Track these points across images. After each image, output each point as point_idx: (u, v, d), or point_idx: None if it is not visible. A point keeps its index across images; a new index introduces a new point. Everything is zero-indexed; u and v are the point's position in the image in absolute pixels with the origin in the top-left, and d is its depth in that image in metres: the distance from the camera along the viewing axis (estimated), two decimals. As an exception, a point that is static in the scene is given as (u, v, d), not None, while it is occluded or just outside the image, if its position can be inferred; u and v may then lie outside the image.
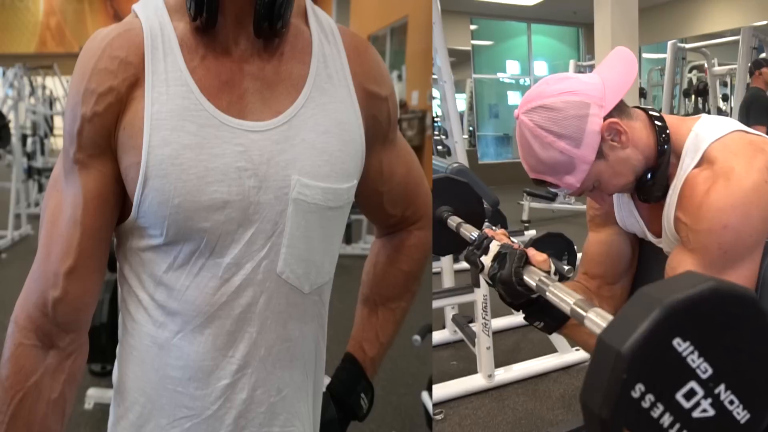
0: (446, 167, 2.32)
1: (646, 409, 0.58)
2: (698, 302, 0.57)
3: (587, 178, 1.05)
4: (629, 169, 1.06)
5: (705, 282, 0.57)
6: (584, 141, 1.01)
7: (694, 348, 0.57)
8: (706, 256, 0.98)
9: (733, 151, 0.99)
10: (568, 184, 1.05)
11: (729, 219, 0.95)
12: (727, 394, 0.60)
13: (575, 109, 1.01)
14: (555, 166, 1.04)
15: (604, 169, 1.05)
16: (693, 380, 0.59)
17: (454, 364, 3.12)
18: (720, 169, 0.98)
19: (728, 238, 0.95)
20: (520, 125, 1.05)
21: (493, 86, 12.23)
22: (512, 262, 0.96)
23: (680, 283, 0.58)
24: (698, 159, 1.02)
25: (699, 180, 1.00)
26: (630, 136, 1.05)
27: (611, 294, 1.25)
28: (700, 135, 1.04)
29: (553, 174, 1.05)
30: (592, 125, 1.01)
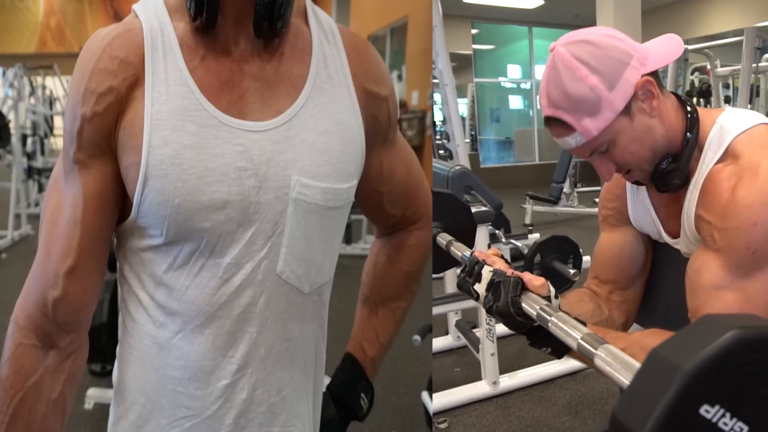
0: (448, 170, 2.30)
1: None
2: (723, 359, 0.50)
3: (607, 129, 0.97)
4: (649, 142, 0.99)
5: (727, 331, 0.50)
6: (618, 86, 0.95)
7: (725, 411, 0.51)
8: (732, 256, 0.92)
9: (761, 144, 0.94)
10: (585, 128, 0.97)
11: (758, 216, 0.89)
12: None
13: (618, 53, 0.96)
14: (579, 103, 0.96)
15: (626, 128, 0.97)
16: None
17: (458, 371, 3.08)
18: (746, 163, 0.93)
19: (757, 237, 0.89)
20: (554, 56, 0.98)
21: (494, 90, 12.23)
22: (507, 292, 0.88)
23: (698, 336, 0.52)
24: (722, 153, 0.97)
25: (723, 176, 0.94)
26: (660, 108, 0.99)
27: (623, 299, 1.21)
28: (725, 127, 0.99)
29: (574, 112, 0.96)
30: (630, 75, 0.96)
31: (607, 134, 0.97)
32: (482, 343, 2.76)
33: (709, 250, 0.96)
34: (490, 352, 2.73)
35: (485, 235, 2.43)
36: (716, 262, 0.94)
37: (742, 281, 0.91)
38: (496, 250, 1.03)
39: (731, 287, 0.92)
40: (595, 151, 1.00)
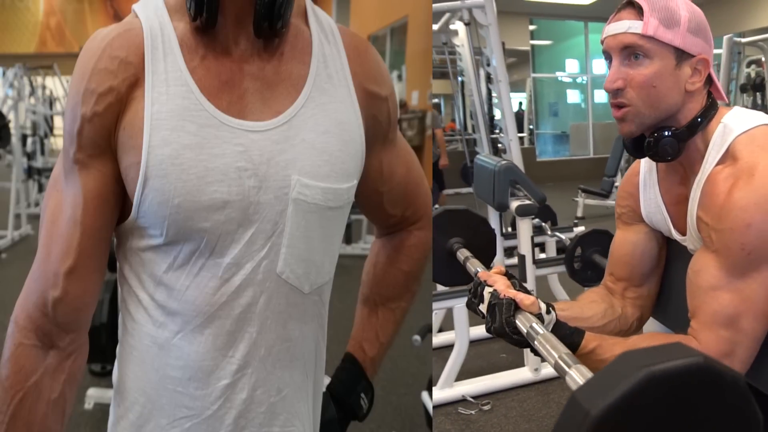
0: (495, 164, 2.33)
1: None
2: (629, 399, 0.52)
3: (657, 46, 0.97)
4: (664, 97, 1.00)
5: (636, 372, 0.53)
6: (694, 38, 0.98)
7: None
8: (728, 257, 0.93)
9: (761, 145, 0.95)
10: (649, 24, 0.97)
11: (752, 218, 0.90)
12: None
13: (708, 33, 1.01)
14: (664, 10, 0.97)
15: (664, 67, 0.98)
16: None
17: (504, 357, 3.16)
18: (744, 165, 0.94)
19: (751, 239, 0.90)
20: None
21: (552, 85, 12.39)
22: (501, 314, 0.95)
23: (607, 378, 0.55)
24: (723, 153, 0.98)
25: (721, 177, 0.96)
26: (695, 89, 1.01)
27: (637, 295, 1.22)
28: (728, 126, 1.00)
29: (654, 9, 0.98)
30: (703, 46, 1.00)
31: (654, 46, 0.98)
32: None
33: (707, 251, 0.97)
34: (533, 340, 2.81)
35: (528, 227, 2.49)
36: (713, 263, 0.95)
37: (738, 282, 0.93)
38: (500, 267, 1.07)
39: (727, 288, 0.93)
40: (632, 49, 0.99)
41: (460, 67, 4.73)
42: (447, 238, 1.41)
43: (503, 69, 3.69)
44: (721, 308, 0.94)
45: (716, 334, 0.94)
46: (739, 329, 0.93)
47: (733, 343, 0.94)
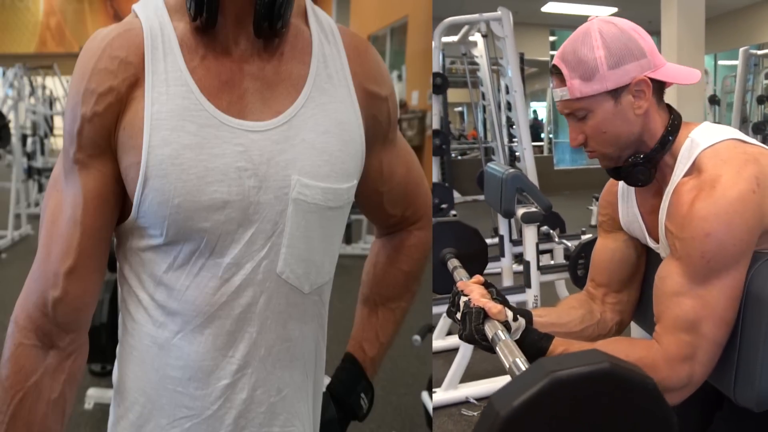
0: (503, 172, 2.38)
1: None
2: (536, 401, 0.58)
3: (589, 99, 1.04)
4: (621, 134, 1.06)
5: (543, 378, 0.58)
6: (618, 69, 1.03)
7: None
8: (690, 265, 0.97)
9: (724, 159, 0.99)
10: (573, 86, 1.04)
11: (711, 227, 0.94)
12: None
13: (635, 46, 1.04)
14: (579, 64, 1.04)
15: (608, 110, 1.05)
16: None
17: None
18: (707, 177, 0.98)
19: (711, 247, 0.95)
20: (588, 23, 1.08)
21: None
22: (471, 321, 1.03)
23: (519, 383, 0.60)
24: (689, 166, 1.03)
25: (686, 189, 1.00)
26: (646, 112, 1.06)
27: (617, 300, 1.26)
28: (695, 141, 1.04)
29: (571, 69, 1.05)
30: (633, 68, 1.03)
31: (587, 103, 1.05)
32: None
33: (672, 259, 1.02)
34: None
35: (533, 234, 2.54)
36: (677, 270, 0.99)
37: (700, 288, 0.97)
38: (478, 277, 1.14)
39: (689, 294, 0.98)
40: (573, 113, 1.08)
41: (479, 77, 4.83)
42: (440, 248, 1.49)
43: (518, 80, 3.83)
44: (683, 313, 0.98)
45: (678, 338, 0.98)
46: (700, 334, 0.97)
47: (694, 347, 0.97)
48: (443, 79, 4.38)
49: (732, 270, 0.96)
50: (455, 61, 6.35)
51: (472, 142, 9.45)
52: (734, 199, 0.94)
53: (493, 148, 4.89)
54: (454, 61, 6.49)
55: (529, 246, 2.52)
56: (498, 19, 3.81)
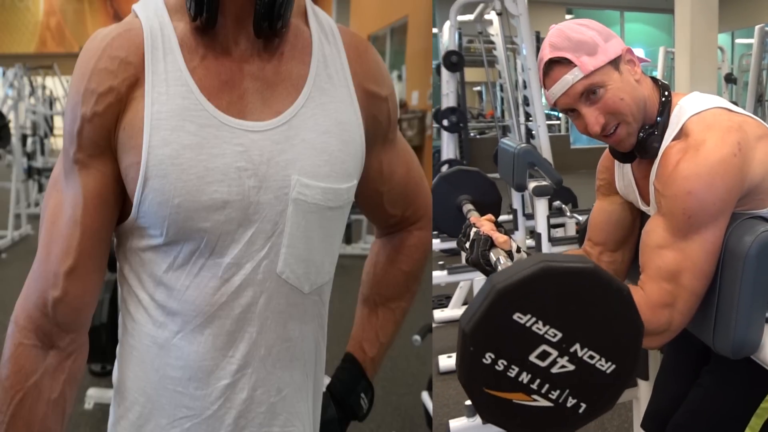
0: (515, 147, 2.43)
1: (501, 371, 0.71)
2: (528, 282, 0.68)
3: (601, 70, 1.08)
4: (636, 96, 1.11)
5: (536, 265, 0.68)
6: (609, 42, 1.10)
7: (536, 319, 0.69)
8: (672, 220, 1.05)
9: (709, 124, 1.06)
10: (584, 63, 1.07)
11: (693, 186, 1.02)
12: (584, 351, 0.71)
13: (605, 29, 1.12)
14: (579, 44, 1.08)
15: (616, 78, 1.09)
16: (543, 344, 0.70)
17: None
18: (693, 141, 1.05)
19: (692, 205, 1.02)
20: (557, 26, 1.13)
21: None
22: (479, 247, 1.14)
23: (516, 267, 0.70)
24: (678, 131, 1.10)
25: (673, 151, 1.08)
26: (640, 77, 1.13)
27: (612, 259, 1.34)
28: (684, 108, 1.11)
29: (574, 51, 1.08)
30: (616, 43, 1.11)
31: (599, 76, 1.08)
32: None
33: (658, 215, 1.10)
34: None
35: (544, 206, 2.63)
36: (661, 225, 1.08)
37: (681, 242, 1.05)
38: (490, 216, 1.25)
39: (672, 247, 1.06)
40: (587, 91, 1.09)
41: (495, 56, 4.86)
42: (457, 194, 1.59)
43: (533, 57, 3.86)
44: (664, 264, 1.06)
45: (659, 286, 1.06)
46: (679, 284, 1.05)
47: (674, 295, 1.05)
48: (459, 56, 4.45)
49: (711, 226, 1.04)
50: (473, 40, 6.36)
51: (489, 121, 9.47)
52: (716, 161, 1.01)
53: (510, 126, 4.94)
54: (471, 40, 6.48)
55: (540, 218, 2.61)
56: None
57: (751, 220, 1.06)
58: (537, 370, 0.71)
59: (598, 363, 0.71)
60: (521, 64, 4.38)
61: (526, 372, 0.71)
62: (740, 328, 1.05)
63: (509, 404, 0.73)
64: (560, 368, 0.71)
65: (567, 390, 0.73)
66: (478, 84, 10.07)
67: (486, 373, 0.70)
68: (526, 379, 0.71)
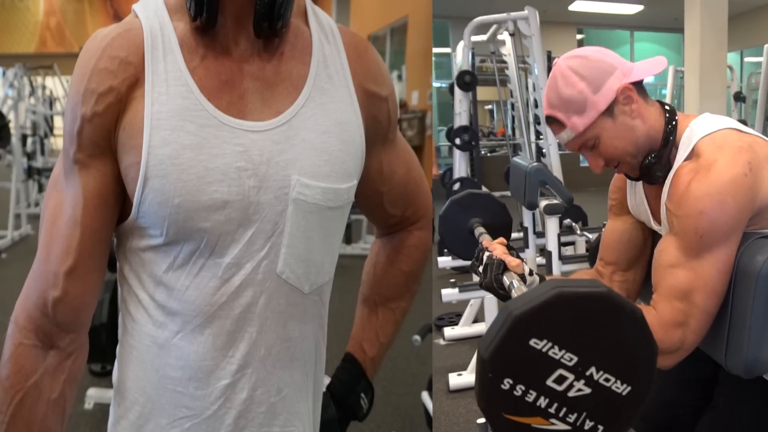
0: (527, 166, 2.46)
1: (519, 396, 0.72)
2: (543, 308, 0.69)
3: (592, 126, 1.14)
4: (631, 138, 1.16)
5: (550, 291, 0.69)
6: (601, 90, 1.13)
7: (552, 343, 0.70)
8: (685, 239, 1.06)
9: (720, 145, 1.08)
10: (574, 124, 1.14)
11: (705, 206, 1.03)
12: (600, 375, 0.72)
13: (604, 65, 1.14)
14: (569, 103, 1.14)
15: (609, 127, 1.15)
16: (560, 368, 0.71)
17: None
18: (704, 161, 1.07)
19: (704, 224, 1.03)
20: (554, 68, 1.18)
21: None
22: (492, 271, 1.14)
23: (531, 294, 0.71)
24: (689, 152, 1.12)
25: (685, 171, 1.10)
26: (640, 111, 1.15)
27: (624, 279, 1.34)
28: (694, 130, 1.13)
29: (565, 110, 1.15)
30: (612, 83, 1.13)
31: (592, 131, 1.15)
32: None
33: (670, 234, 1.11)
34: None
35: (555, 225, 2.67)
36: (673, 244, 1.09)
37: (693, 261, 1.06)
38: (502, 239, 1.25)
39: (684, 266, 1.07)
40: (583, 145, 1.18)
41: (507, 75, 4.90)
42: (469, 217, 1.61)
43: (545, 77, 3.91)
44: (677, 283, 1.07)
45: (671, 305, 1.07)
46: (692, 302, 1.06)
47: (686, 314, 1.06)
48: (472, 76, 4.47)
49: (723, 245, 1.05)
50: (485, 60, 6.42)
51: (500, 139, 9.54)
52: (727, 181, 1.03)
53: (520, 144, 4.98)
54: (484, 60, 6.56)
55: (551, 237, 2.63)
56: (525, 18, 3.90)
57: (762, 240, 1.07)
58: (554, 395, 0.72)
59: (614, 385, 0.72)
60: (533, 84, 4.42)
61: (544, 396, 0.72)
62: (753, 347, 1.05)
63: (528, 429, 0.74)
64: (577, 392, 0.72)
65: (584, 413, 0.74)
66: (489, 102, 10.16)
67: (505, 399, 0.71)
68: (543, 404, 0.72)
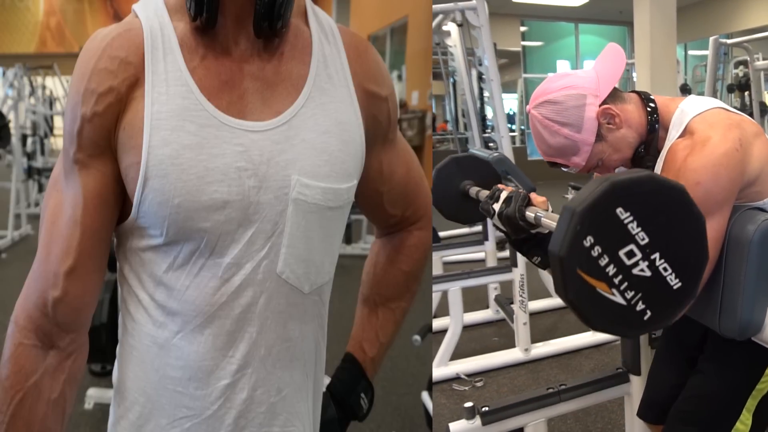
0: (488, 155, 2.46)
1: (595, 257, 0.79)
2: (637, 183, 0.78)
3: (591, 157, 1.24)
4: (627, 146, 1.25)
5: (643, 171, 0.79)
6: (584, 127, 1.21)
7: (633, 218, 0.78)
8: None
9: (711, 123, 1.16)
10: (575, 163, 1.25)
11: (701, 177, 1.10)
12: (661, 262, 0.80)
13: (574, 100, 1.22)
14: (562, 150, 1.24)
15: (605, 148, 1.24)
16: (632, 243, 0.79)
17: (496, 340, 3.38)
18: (698, 138, 1.15)
19: (699, 194, 1.06)
20: (532, 118, 1.26)
21: None
22: (516, 202, 1.17)
23: (628, 172, 0.80)
24: (682, 131, 1.20)
25: (680, 147, 1.18)
26: (623, 118, 1.23)
27: None
28: (685, 110, 1.21)
29: (562, 156, 1.25)
30: (590, 113, 1.22)
31: (593, 159, 1.25)
32: (516, 313, 3.03)
33: None
34: (522, 322, 3.02)
35: None
36: None
37: None
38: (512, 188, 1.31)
39: None
40: (591, 169, 1.29)
41: (453, 67, 4.85)
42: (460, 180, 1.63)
43: (495, 69, 3.90)
44: None
45: None
46: None
47: None
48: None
49: (717, 215, 1.12)
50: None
51: (441, 134, 9.56)
52: (721, 155, 1.11)
53: (468, 138, 4.94)
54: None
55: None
56: (473, 8, 3.80)
57: (751, 211, 1.16)
58: (622, 267, 0.79)
59: (669, 277, 0.80)
60: (479, 75, 4.34)
61: (614, 265, 0.79)
62: (746, 310, 1.13)
63: (593, 291, 0.80)
64: (640, 271, 0.80)
65: (640, 294, 0.81)
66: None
67: (583, 255, 0.78)
68: (612, 272, 0.79)
